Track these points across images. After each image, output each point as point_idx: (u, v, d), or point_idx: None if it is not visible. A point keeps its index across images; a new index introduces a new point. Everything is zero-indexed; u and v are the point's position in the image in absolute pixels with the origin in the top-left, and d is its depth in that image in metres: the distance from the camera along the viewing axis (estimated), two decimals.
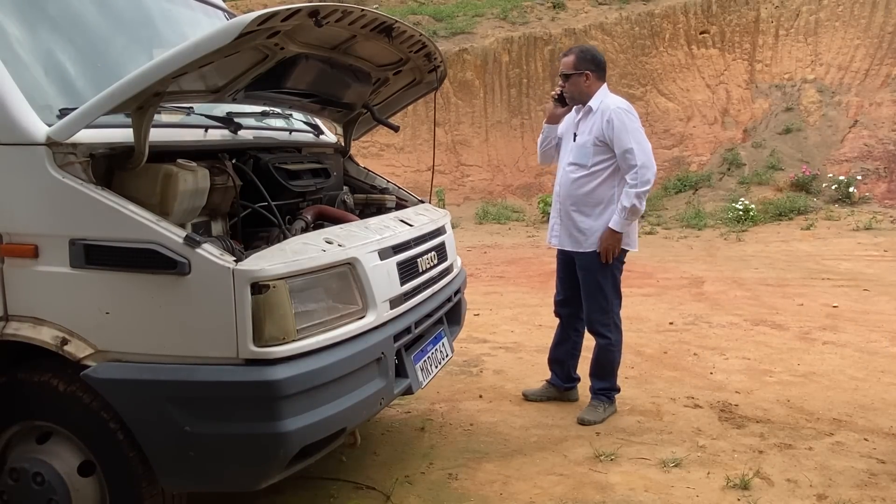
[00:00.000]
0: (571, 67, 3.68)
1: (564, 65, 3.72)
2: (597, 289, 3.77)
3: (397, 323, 2.67)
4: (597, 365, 3.90)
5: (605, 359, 3.86)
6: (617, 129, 3.57)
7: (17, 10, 2.41)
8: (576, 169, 3.71)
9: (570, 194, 3.74)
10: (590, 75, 3.68)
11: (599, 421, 3.75)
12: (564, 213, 3.78)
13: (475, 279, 7.73)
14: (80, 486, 2.30)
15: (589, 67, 3.68)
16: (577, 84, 3.69)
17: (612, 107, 3.63)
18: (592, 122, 3.67)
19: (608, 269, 3.74)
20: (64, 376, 2.25)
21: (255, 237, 2.70)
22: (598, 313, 3.79)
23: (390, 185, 3.76)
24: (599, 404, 3.85)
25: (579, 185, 3.71)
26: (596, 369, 3.91)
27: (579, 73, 3.67)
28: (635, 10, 14.57)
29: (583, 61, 3.68)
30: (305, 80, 2.79)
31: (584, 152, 3.68)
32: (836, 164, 12.29)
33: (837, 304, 6.33)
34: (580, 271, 3.80)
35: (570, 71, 3.69)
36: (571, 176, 3.73)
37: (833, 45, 13.65)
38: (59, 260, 2.18)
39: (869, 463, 3.29)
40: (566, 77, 3.71)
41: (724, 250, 9.58)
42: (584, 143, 3.68)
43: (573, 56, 3.70)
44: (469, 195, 13.95)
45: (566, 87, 3.73)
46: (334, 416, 2.29)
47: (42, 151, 2.14)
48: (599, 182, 3.67)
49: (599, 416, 3.79)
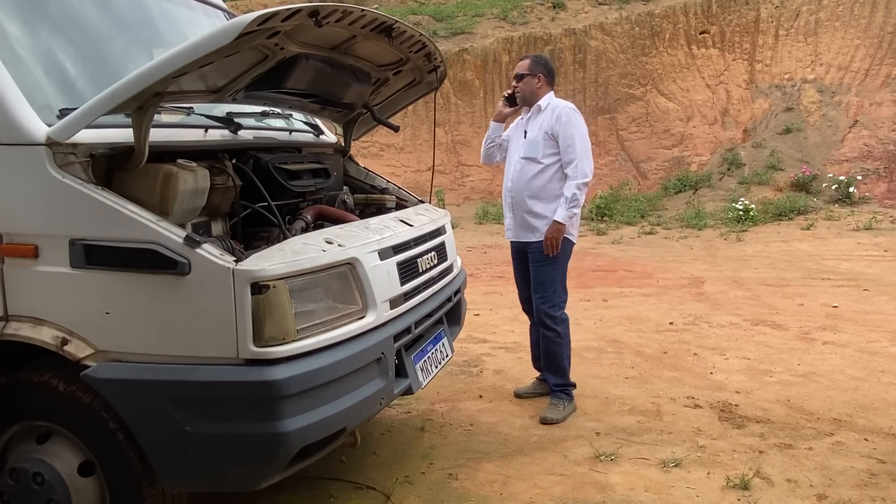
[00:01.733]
0: (526, 69, 3.95)
1: (520, 66, 3.98)
2: (548, 280, 3.90)
3: (397, 323, 2.67)
4: (547, 359, 4.00)
5: (553, 352, 3.95)
6: (564, 123, 3.81)
7: (17, 10, 2.41)
8: (528, 162, 3.89)
9: (526, 187, 3.89)
10: (541, 78, 3.94)
11: (561, 419, 3.79)
12: (517, 205, 3.94)
13: (475, 279, 7.73)
14: (80, 486, 2.30)
15: (542, 71, 3.95)
16: (530, 84, 3.94)
17: (562, 105, 3.89)
18: (542, 119, 3.90)
19: (558, 260, 3.88)
20: (64, 376, 2.25)
21: (256, 237, 2.70)
22: (547, 305, 3.90)
23: (390, 185, 3.76)
24: (559, 402, 3.90)
25: (533, 178, 3.88)
26: (547, 362, 4.01)
27: (532, 74, 3.93)
28: (635, 10, 14.57)
29: (537, 65, 3.96)
30: (305, 80, 2.79)
31: (535, 146, 3.87)
32: (836, 164, 12.29)
33: (837, 304, 6.33)
34: (532, 263, 3.95)
35: (524, 72, 3.95)
36: (525, 170, 3.90)
37: (833, 45, 13.65)
38: (59, 260, 2.18)
39: (869, 463, 3.29)
40: (520, 77, 3.95)
41: (724, 250, 9.58)
42: (535, 138, 3.88)
43: (529, 60, 4.01)
44: (469, 195, 13.95)
45: (519, 86, 3.96)
46: (334, 417, 2.29)
47: (42, 151, 2.14)
48: (551, 175, 3.86)
49: (560, 413, 3.82)
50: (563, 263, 3.93)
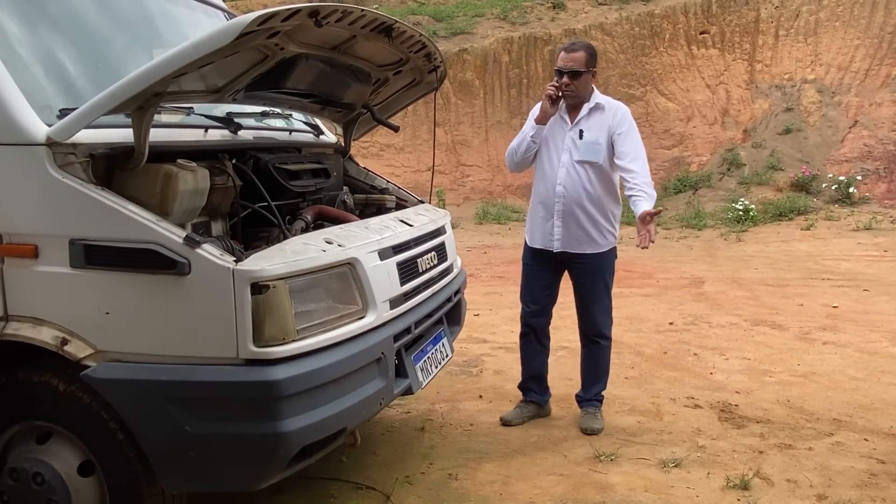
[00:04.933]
0: (583, 65, 3.51)
1: (573, 60, 3.50)
2: (605, 290, 3.72)
3: (397, 323, 2.67)
4: (595, 369, 3.82)
5: (605, 360, 3.83)
6: (628, 125, 3.55)
7: (17, 10, 2.41)
8: (587, 167, 3.55)
9: (585, 194, 3.56)
10: (596, 73, 3.61)
11: (602, 427, 3.70)
12: (569, 213, 3.57)
13: (475, 279, 7.73)
14: (80, 486, 2.30)
15: (596, 65, 3.60)
16: (587, 83, 3.57)
17: (620, 104, 3.66)
18: (603, 120, 3.57)
19: (609, 269, 3.73)
20: (64, 376, 2.25)
21: (255, 237, 2.70)
22: (604, 315, 3.75)
23: (390, 185, 3.76)
24: (597, 410, 3.79)
25: (592, 184, 3.56)
26: (594, 374, 3.82)
27: (588, 70, 3.54)
28: (635, 11, 14.56)
29: (593, 58, 3.56)
30: (305, 81, 2.78)
31: (597, 150, 3.53)
32: (836, 165, 12.29)
33: (837, 305, 6.34)
34: (588, 274, 3.66)
35: (581, 68, 3.51)
36: (582, 175, 3.56)
37: (833, 46, 13.65)
38: (58, 260, 2.17)
39: (869, 463, 3.29)
40: (576, 74, 3.50)
41: (724, 250, 9.58)
42: (597, 140, 3.54)
43: (583, 53, 3.52)
44: (469, 195, 13.94)
45: (574, 86, 3.52)
46: (334, 417, 2.29)
47: (42, 151, 2.14)
48: (609, 181, 3.61)
49: (601, 422, 3.74)
50: (612, 271, 3.74)
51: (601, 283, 3.71)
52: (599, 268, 3.68)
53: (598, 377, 3.85)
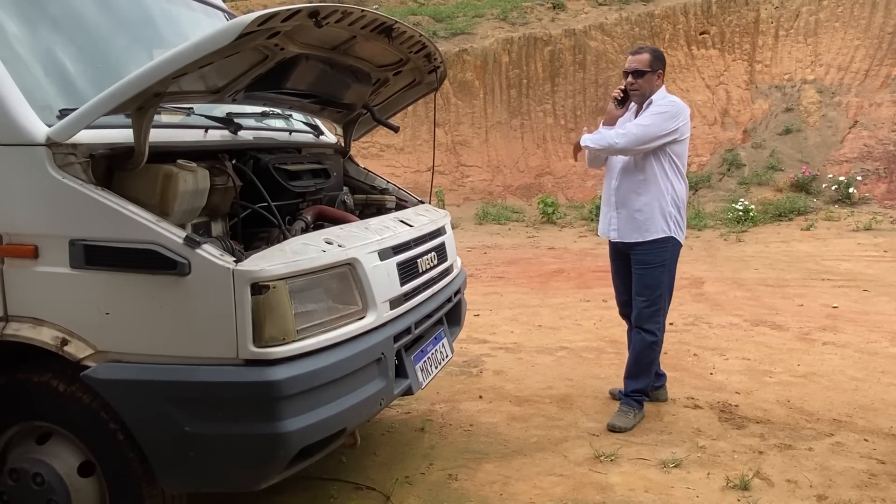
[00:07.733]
0: (647, 65, 3.69)
1: (637, 62, 3.70)
2: (654, 284, 3.74)
3: (397, 323, 2.67)
4: (635, 364, 3.81)
5: (646, 356, 3.78)
6: (651, 109, 3.66)
7: (17, 10, 2.41)
8: (638, 157, 3.71)
9: (632, 183, 3.73)
10: (661, 73, 3.74)
11: (630, 427, 3.67)
12: (622, 204, 3.75)
13: (475, 279, 7.73)
14: (80, 486, 2.31)
15: (661, 66, 3.74)
16: (651, 82, 3.71)
17: (669, 97, 3.73)
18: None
19: (665, 263, 3.74)
20: (64, 377, 2.25)
21: (255, 238, 2.70)
22: (652, 309, 3.74)
23: (390, 185, 3.76)
24: (630, 409, 3.76)
25: (637, 173, 3.71)
26: (634, 369, 3.81)
27: (653, 71, 3.69)
28: (635, 11, 14.57)
29: (657, 60, 3.72)
30: (305, 81, 2.79)
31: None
32: (836, 165, 12.29)
33: (837, 305, 6.33)
34: (637, 265, 3.76)
35: (645, 68, 3.68)
36: (631, 166, 3.73)
37: (833, 46, 13.65)
38: (58, 260, 2.18)
39: (869, 463, 3.29)
40: (640, 74, 3.68)
41: (724, 251, 9.58)
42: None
43: (647, 55, 3.72)
44: (469, 196, 13.94)
45: (638, 84, 3.70)
46: (334, 417, 2.29)
47: (42, 152, 2.14)
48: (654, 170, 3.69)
49: (630, 422, 3.70)
50: (670, 266, 3.78)
51: (648, 274, 3.73)
52: (647, 259, 3.73)
53: (636, 373, 3.80)
